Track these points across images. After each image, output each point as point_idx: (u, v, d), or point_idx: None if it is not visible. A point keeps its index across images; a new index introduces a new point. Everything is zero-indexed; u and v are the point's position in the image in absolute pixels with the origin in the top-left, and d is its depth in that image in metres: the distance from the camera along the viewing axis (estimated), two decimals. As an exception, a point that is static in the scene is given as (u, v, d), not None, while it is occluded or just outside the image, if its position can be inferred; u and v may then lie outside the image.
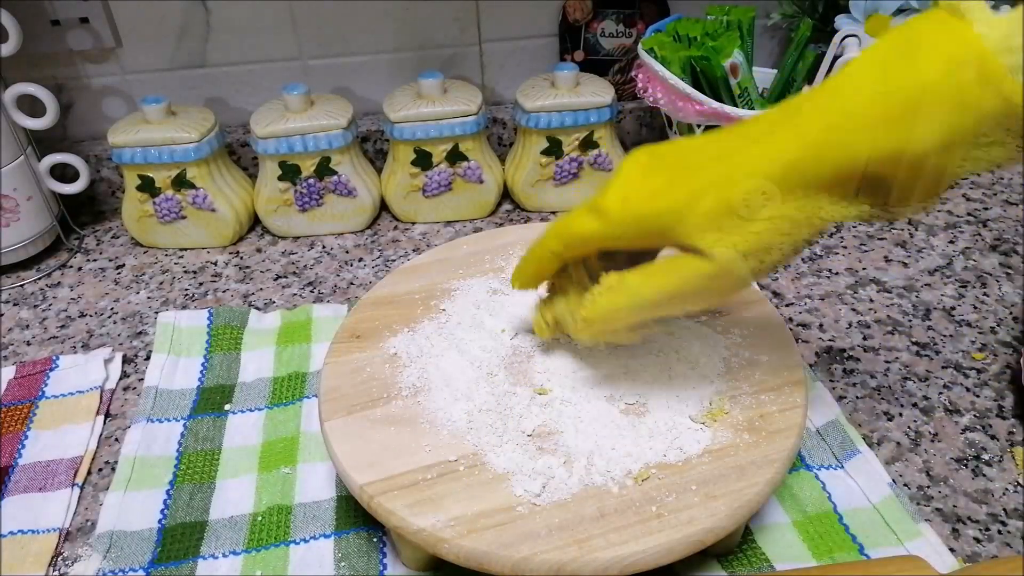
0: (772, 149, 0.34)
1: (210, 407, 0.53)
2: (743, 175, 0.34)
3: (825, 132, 0.33)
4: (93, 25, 0.69)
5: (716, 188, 0.35)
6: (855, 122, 0.33)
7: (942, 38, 0.32)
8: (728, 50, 0.62)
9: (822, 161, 0.33)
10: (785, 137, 0.34)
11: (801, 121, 0.34)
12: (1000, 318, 0.58)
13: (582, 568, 0.35)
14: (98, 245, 0.72)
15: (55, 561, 0.44)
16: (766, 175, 0.34)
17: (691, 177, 0.36)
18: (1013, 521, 0.44)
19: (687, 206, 0.35)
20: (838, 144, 0.33)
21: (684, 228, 0.35)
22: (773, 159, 0.34)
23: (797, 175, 0.34)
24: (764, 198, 0.34)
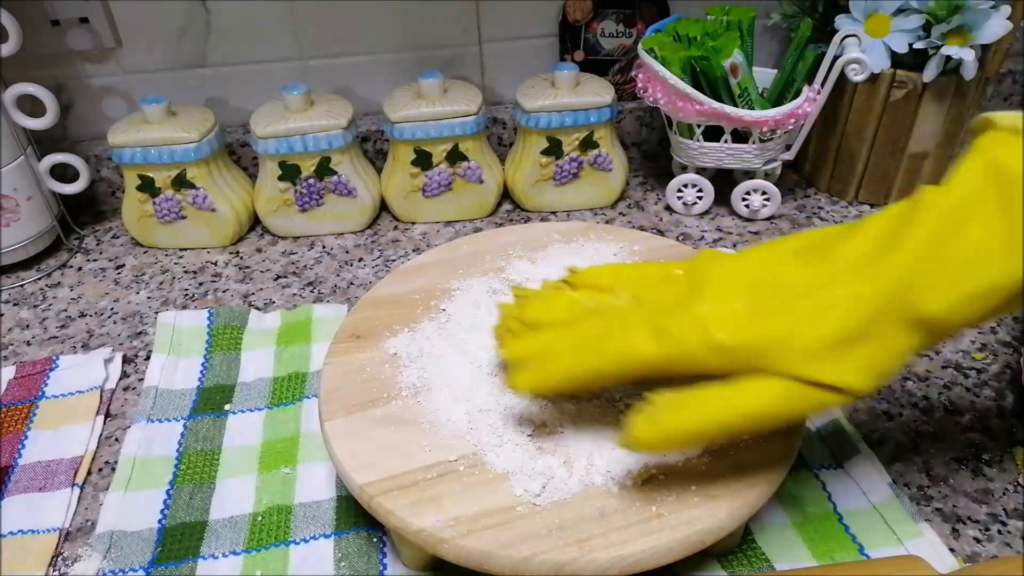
0: (875, 285, 0.32)
1: (210, 407, 0.53)
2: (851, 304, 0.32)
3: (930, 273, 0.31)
4: (93, 25, 0.69)
5: (827, 312, 0.32)
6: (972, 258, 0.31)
7: (1004, 160, 0.31)
8: (728, 50, 0.62)
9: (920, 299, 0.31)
10: (885, 272, 0.32)
11: (897, 260, 0.32)
12: (1000, 318, 0.58)
13: (582, 568, 0.35)
14: (98, 245, 0.72)
15: (55, 561, 0.44)
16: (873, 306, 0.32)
17: (789, 303, 0.33)
18: (1013, 521, 0.44)
19: (791, 335, 0.32)
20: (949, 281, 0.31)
21: (790, 358, 0.32)
22: (877, 292, 0.32)
23: (899, 307, 0.32)
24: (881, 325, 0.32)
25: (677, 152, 0.70)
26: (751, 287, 0.34)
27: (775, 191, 0.68)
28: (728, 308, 0.34)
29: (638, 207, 0.73)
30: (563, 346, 0.37)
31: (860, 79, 0.62)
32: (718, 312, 0.34)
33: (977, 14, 0.60)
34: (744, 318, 0.33)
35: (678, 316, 0.34)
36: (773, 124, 0.63)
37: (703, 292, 0.35)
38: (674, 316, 0.35)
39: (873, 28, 0.64)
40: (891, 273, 0.32)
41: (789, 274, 0.34)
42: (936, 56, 0.62)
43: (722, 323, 0.33)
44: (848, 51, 0.62)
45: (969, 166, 0.32)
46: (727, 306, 0.34)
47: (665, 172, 0.76)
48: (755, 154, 0.66)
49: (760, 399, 0.33)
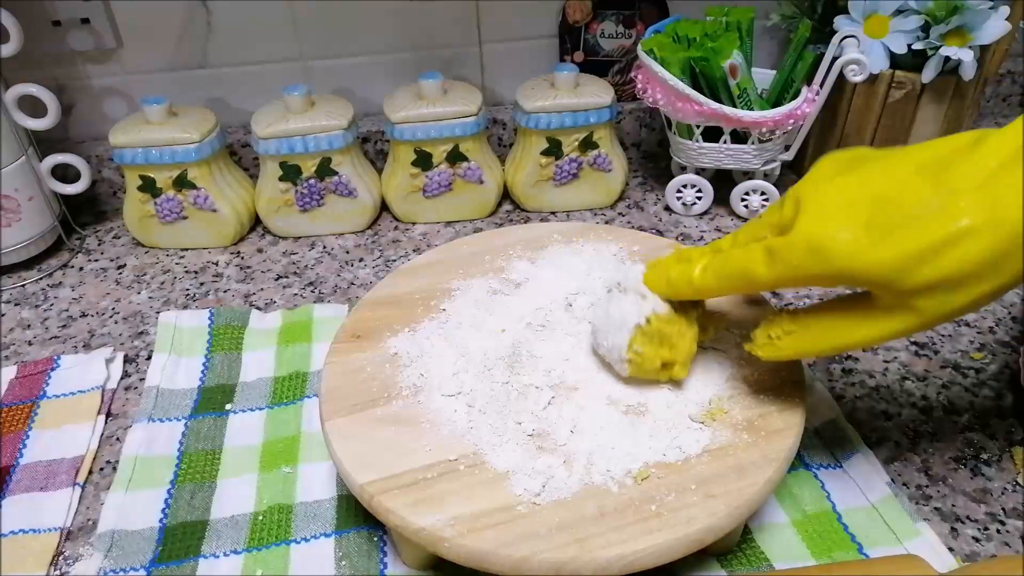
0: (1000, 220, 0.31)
1: (211, 407, 0.53)
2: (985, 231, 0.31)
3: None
4: (94, 25, 0.70)
5: (954, 242, 0.31)
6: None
7: None
8: (727, 51, 0.62)
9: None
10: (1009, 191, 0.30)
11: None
12: (999, 318, 0.58)
13: (582, 567, 0.35)
14: (99, 245, 0.72)
15: (56, 560, 0.44)
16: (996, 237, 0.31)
17: (911, 228, 0.32)
18: (1012, 520, 0.44)
19: (915, 263, 0.31)
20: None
21: (903, 288, 0.32)
22: (1002, 232, 0.31)
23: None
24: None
25: (676, 152, 0.70)
26: (873, 204, 0.33)
27: (774, 191, 0.68)
28: (847, 230, 0.33)
29: (638, 207, 0.73)
30: (698, 253, 0.40)
31: (859, 80, 0.63)
32: (833, 233, 0.33)
33: (976, 15, 0.60)
34: (862, 243, 0.32)
35: (789, 236, 0.34)
36: (772, 125, 0.63)
37: (822, 209, 0.34)
38: (786, 237, 0.34)
39: (872, 29, 0.64)
40: (1018, 215, 0.30)
41: (913, 193, 0.32)
42: (935, 56, 0.62)
43: (839, 246, 0.33)
44: (847, 52, 0.62)
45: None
46: (846, 227, 0.33)
47: (664, 172, 0.77)
48: (754, 154, 0.66)
49: (872, 331, 0.34)
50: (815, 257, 0.33)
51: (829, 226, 0.33)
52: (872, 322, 0.35)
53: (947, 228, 0.31)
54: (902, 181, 0.33)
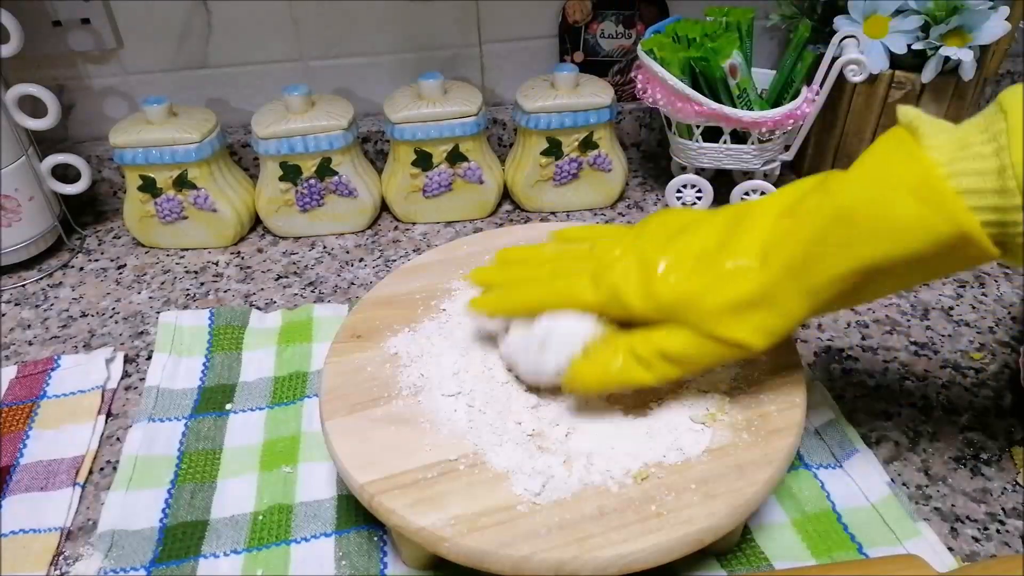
0: (773, 261, 0.37)
1: (211, 407, 0.53)
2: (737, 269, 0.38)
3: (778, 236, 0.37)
4: (94, 26, 0.70)
5: (730, 278, 0.38)
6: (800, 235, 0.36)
7: (888, 159, 0.35)
8: (727, 51, 0.62)
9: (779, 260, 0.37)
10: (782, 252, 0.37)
11: (790, 246, 0.37)
12: (999, 318, 0.58)
13: (582, 567, 0.35)
14: (100, 245, 0.72)
15: (56, 560, 0.44)
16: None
17: (702, 268, 0.38)
18: (1012, 520, 0.44)
19: (702, 294, 0.38)
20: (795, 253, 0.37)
21: (699, 313, 0.38)
22: (774, 268, 0.37)
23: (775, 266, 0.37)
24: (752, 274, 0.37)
25: (676, 153, 0.70)
26: (676, 250, 0.40)
27: (774, 191, 0.68)
28: (648, 268, 0.39)
29: (637, 207, 0.73)
30: (523, 280, 0.44)
31: (859, 80, 0.63)
32: (638, 271, 0.39)
33: (976, 15, 0.60)
34: (660, 278, 0.39)
35: (613, 269, 0.40)
36: (772, 125, 0.63)
37: (635, 249, 0.40)
38: (611, 269, 0.40)
39: (872, 29, 0.64)
40: (785, 253, 0.37)
41: (707, 243, 0.39)
42: (935, 57, 0.62)
43: (643, 282, 0.39)
44: (847, 52, 0.62)
45: (858, 170, 0.37)
46: (648, 266, 0.39)
47: (664, 172, 0.77)
48: (754, 155, 0.66)
49: (672, 343, 0.39)
50: (620, 298, 0.40)
51: (636, 279, 0.40)
52: (675, 336, 0.39)
53: (723, 268, 0.38)
54: (704, 244, 0.40)
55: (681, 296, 0.38)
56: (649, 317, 0.39)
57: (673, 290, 0.38)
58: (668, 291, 0.38)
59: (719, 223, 0.40)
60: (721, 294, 0.37)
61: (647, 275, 0.39)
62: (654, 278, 0.39)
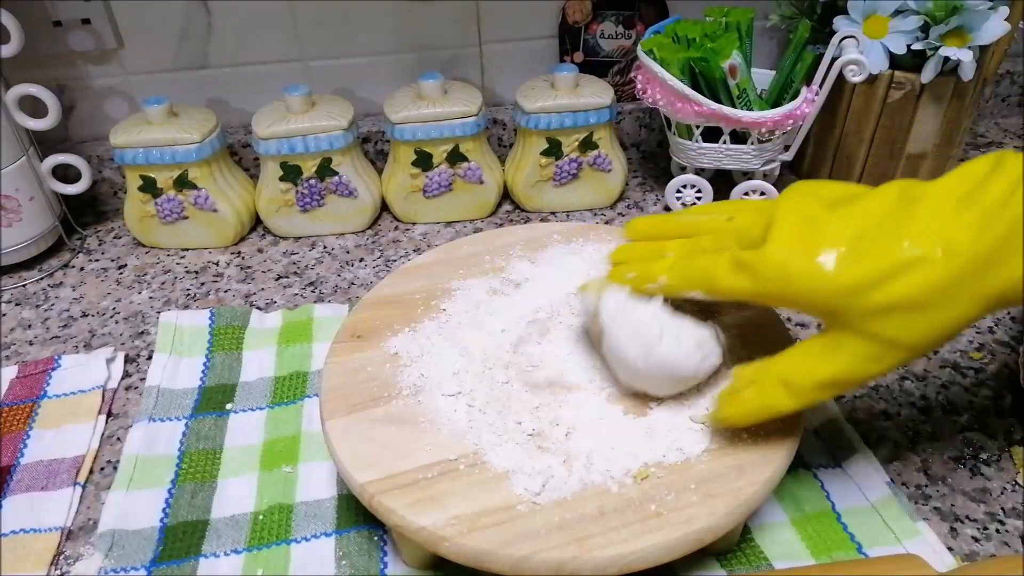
0: (956, 256, 0.32)
1: (212, 406, 0.53)
2: (935, 255, 0.32)
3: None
4: (95, 26, 0.70)
5: (904, 271, 0.32)
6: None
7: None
8: (727, 51, 0.62)
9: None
10: (967, 245, 0.32)
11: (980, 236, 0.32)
12: (998, 318, 0.58)
13: (582, 567, 0.35)
14: (100, 245, 0.72)
15: (57, 560, 0.44)
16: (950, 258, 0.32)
17: (872, 250, 0.33)
18: (1011, 520, 0.44)
19: (870, 285, 0.33)
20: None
21: (860, 311, 0.33)
22: (954, 265, 0.32)
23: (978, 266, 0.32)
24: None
25: (676, 153, 0.70)
26: (842, 224, 0.34)
27: (774, 191, 0.68)
28: (804, 243, 0.34)
29: (637, 208, 0.73)
30: (661, 256, 0.41)
31: (858, 80, 0.63)
32: (796, 256, 0.34)
33: (975, 15, 0.60)
34: (823, 271, 0.33)
35: (767, 247, 0.35)
36: (772, 125, 0.63)
37: (784, 223, 0.35)
38: (762, 248, 0.35)
39: (871, 29, 0.64)
40: (970, 249, 0.32)
41: (875, 219, 0.34)
42: (934, 57, 0.62)
43: (786, 260, 0.34)
44: (846, 52, 0.62)
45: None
46: (804, 241, 0.34)
47: (664, 173, 0.77)
48: (754, 155, 0.66)
49: (829, 367, 0.34)
50: (781, 277, 0.35)
51: (798, 253, 0.34)
52: (834, 354, 0.35)
53: (898, 256, 0.33)
54: (871, 220, 0.34)
55: (852, 282, 0.33)
56: (807, 311, 0.35)
57: (844, 274, 0.33)
58: (839, 281, 0.33)
59: (887, 199, 0.35)
60: (898, 285, 0.32)
61: (809, 252, 0.34)
62: (817, 256, 0.33)
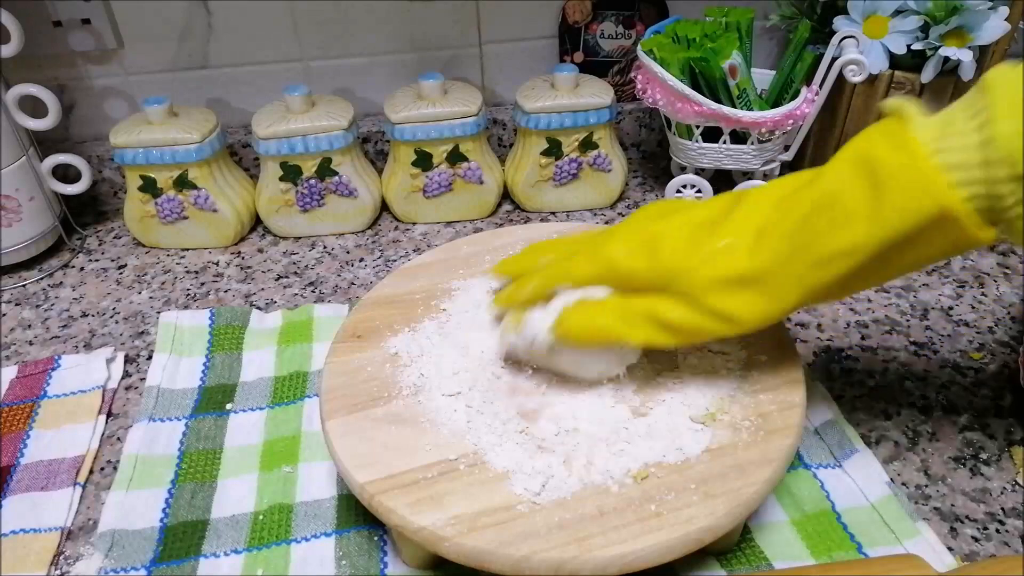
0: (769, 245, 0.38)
1: (212, 406, 0.53)
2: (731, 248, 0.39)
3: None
4: (95, 26, 0.70)
5: (723, 254, 0.38)
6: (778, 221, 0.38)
7: (872, 142, 0.35)
8: (727, 51, 0.62)
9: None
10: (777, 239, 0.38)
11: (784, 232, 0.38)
12: (998, 318, 0.58)
13: (582, 566, 0.35)
14: (100, 245, 0.72)
15: (57, 560, 0.44)
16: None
17: (698, 238, 0.40)
18: (1011, 520, 0.44)
19: (695, 266, 0.39)
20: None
21: (691, 283, 0.39)
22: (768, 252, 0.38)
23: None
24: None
25: (676, 153, 0.70)
26: (672, 224, 0.41)
27: (775, 179, 0.68)
28: (644, 238, 0.41)
29: (637, 207, 0.73)
30: (534, 275, 0.45)
31: (858, 80, 0.63)
32: (634, 242, 0.41)
33: (975, 15, 0.60)
34: (657, 246, 0.40)
35: (608, 244, 0.42)
36: (771, 125, 0.63)
37: (630, 226, 0.43)
38: (606, 244, 0.42)
39: (871, 29, 0.64)
40: (775, 237, 0.38)
41: (703, 220, 0.40)
42: (934, 57, 0.62)
43: (639, 250, 0.41)
44: (846, 52, 0.62)
45: (843, 156, 0.37)
46: (645, 236, 0.41)
47: (664, 173, 0.77)
48: (754, 155, 0.66)
49: (663, 307, 0.40)
50: (634, 255, 0.41)
51: (633, 246, 0.41)
52: (672, 304, 0.39)
53: (719, 242, 0.39)
54: (698, 220, 0.41)
55: (677, 264, 0.39)
56: (646, 282, 0.40)
57: (669, 258, 0.39)
58: (664, 258, 0.39)
59: (716, 204, 0.41)
60: (715, 267, 0.38)
61: (643, 244, 0.40)
62: (650, 246, 0.40)
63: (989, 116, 0.32)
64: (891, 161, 0.34)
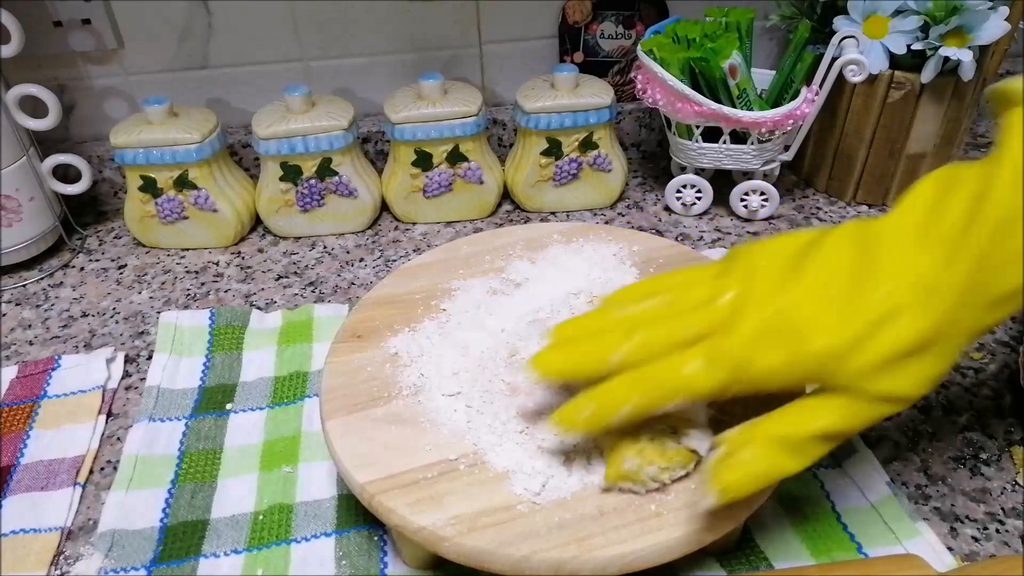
0: (937, 299, 0.31)
1: (212, 406, 0.53)
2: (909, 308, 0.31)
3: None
4: (95, 26, 0.70)
5: (885, 324, 0.31)
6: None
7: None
8: (727, 51, 0.62)
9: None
10: (947, 284, 0.31)
11: (958, 267, 0.31)
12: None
13: (582, 566, 0.35)
14: (100, 245, 0.72)
15: (57, 560, 0.44)
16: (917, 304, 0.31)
17: (845, 309, 0.32)
18: (1011, 520, 0.44)
19: (852, 347, 0.31)
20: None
21: (847, 375, 0.32)
22: (937, 308, 0.31)
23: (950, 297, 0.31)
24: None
25: (676, 153, 0.70)
26: (808, 290, 0.33)
27: (774, 192, 0.68)
28: (785, 323, 0.32)
29: (637, 207, 0.73)
30: (624, 384, 0.36)
31: (858, 80, 0.63)
32: (773, 331, 0.33)
33: (975, 15, 0.60)
34: (805, 335, 0.32)
35: (734, 332, 0.33)
36: (771, 125, 0.63)
37: (756, 299, 0.33)
38: (731, 333, 0.33)
39: (871, 29, 0.64)
40: (949, 287, 0.31)
41: (839, 274, 0.33)
42: (934, 57, 0.62)
43: (784, 344, 0.32)
44: (846, 52, 0.62)
45: (1012, 143, 0.31)
46: (785, 320, 0.33)
47: (664, 173, 0.77)
48: (754, 155, 0.67)
49: (825, 420, 0.33)
50: (770, 348, 0.33)
51: (772, 337, 0.33)
52: (829, 410, 0.33)
53: (875, 310, 0.31)
54: (834, 276, 0.33)
55: (831, 352, 0.32)
56: (790, 387, 0.33)
57: (824, 347, 0.32)
58: (817, 349, 0.32)
59: (843, 248, 0.33)
60: (879, 345, 0.31)
61: (786, 333, 0.32)
62: (796, 336, 0.32)
63: None
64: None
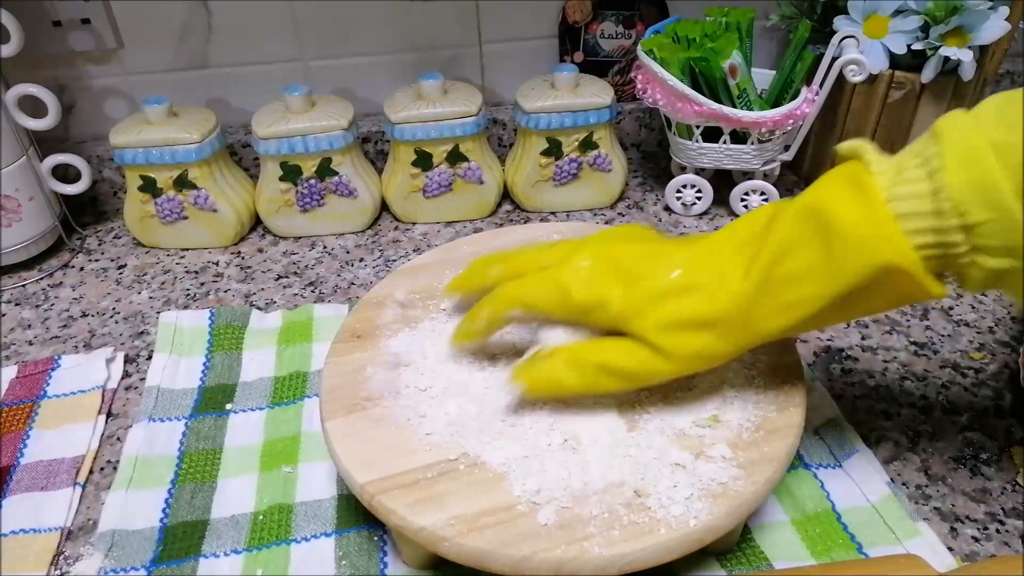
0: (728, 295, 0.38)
1: (211, 406, 0.53)
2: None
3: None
4: (95, 26, 0.70)
5: (681, 294, 0.38)
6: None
7: (829, 197, 0.35)
8: (727, 51, 0.62)
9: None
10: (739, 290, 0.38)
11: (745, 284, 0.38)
12: (998, 318, 0.58)
13: (582, 566, 0.35)
14: (100, 245, 0.72)
15: (57, 560, 0.44)
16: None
17: (648, 275, 0.39)
18: (1011, 520, 0.44)
19: (652, 306, 0.39)
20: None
21: (637, 325, 0.39)
22: (725, 302, 0.38)
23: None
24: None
25: (676, 153, 0.70)
26: (633, 255, 0.41)
27: (774, 191, 0.68)
28: (603, 265, 0.40)
29: (637, 207, 0.73)
30: (507, 287, 0.43)
31: (858, 80, 0.63)
32: (592, 268, 0.40)
33: (975, 15, 0.60)
34: (564, 290, 0.40)
35: (565, 266, 0.41)
36: (772, 125, 0.63)
37: (580, 255, 0.41)
38: (558, 269, 0.41)
39: (871, 29, 0.64)
40: (745, 288, 0.37)
41: (655, 251, 0.41)
42: (934, 57, 0.62)
43: (582, 282, 0.40)
44: (846, 52, 0.62)
45: (799, 206, 0.37)
46: (603, 263, 0.40)
47: (664, 173, 0.77)
48: (754, 155, 0.66)
49: (612, 352, 0.40)
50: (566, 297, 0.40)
51: (580, 282, 0.40)
52: (621, 348, 0.40)
53: (672, 281, 0.39)
54: (649, 253, 0.41)
55: (630, 304, 0.39)
56: (599, 320, 0.40)
57: (622, 293, 0.39)
58: (617, 292, 0.39)
59: (680, 240, 0.42)
60: (671, 310, 0.38)
61: (598, 271, 0.40)
62: (604, 271, 0.40)
63: (939, 165, 0.33)
64: (845, 217, 0.34)
